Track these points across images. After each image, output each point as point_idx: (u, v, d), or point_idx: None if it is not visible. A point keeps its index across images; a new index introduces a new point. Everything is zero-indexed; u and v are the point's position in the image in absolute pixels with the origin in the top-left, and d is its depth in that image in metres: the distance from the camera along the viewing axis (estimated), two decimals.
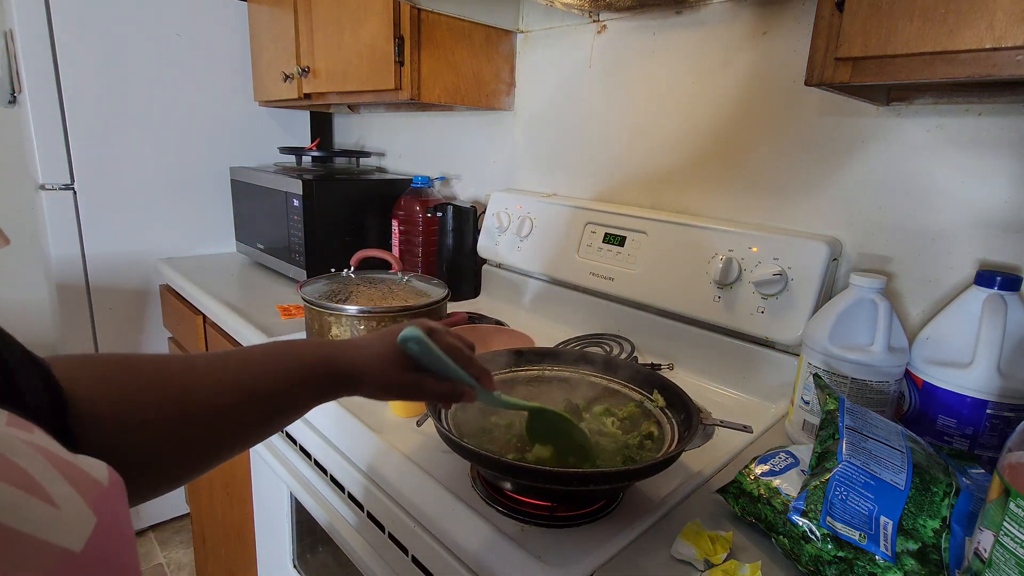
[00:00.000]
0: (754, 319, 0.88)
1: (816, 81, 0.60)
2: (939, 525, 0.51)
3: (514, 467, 0.55)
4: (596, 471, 0.57)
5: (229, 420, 0.42)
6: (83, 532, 0.20)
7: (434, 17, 1.15)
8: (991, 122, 0.72)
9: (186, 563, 1.82)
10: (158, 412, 0.38)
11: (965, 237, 0.75)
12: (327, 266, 1.33)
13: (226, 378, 0.42)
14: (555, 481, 0.55)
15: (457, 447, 0.58)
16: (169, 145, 1.65)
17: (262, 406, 0.44)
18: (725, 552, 0.54)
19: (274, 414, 0.46)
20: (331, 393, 0.49)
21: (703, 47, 0.99)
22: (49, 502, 0.19)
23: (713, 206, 1.01)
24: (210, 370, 0.42)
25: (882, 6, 0.53)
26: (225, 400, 0.41)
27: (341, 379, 0.49)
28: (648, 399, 0.72)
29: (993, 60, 0.50)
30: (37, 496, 0.19)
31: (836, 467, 0.54)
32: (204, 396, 0.40)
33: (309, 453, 0.84)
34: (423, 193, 1.42)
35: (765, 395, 0.90)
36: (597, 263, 1.09)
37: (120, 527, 0.23)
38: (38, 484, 0.19)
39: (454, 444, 0.58)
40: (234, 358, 0.44)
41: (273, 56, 1.55)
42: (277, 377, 0.45)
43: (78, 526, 0.20)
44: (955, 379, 0.65)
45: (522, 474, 0.55)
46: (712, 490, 0.62)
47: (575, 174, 1.23)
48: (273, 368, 0.45)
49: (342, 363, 0.49)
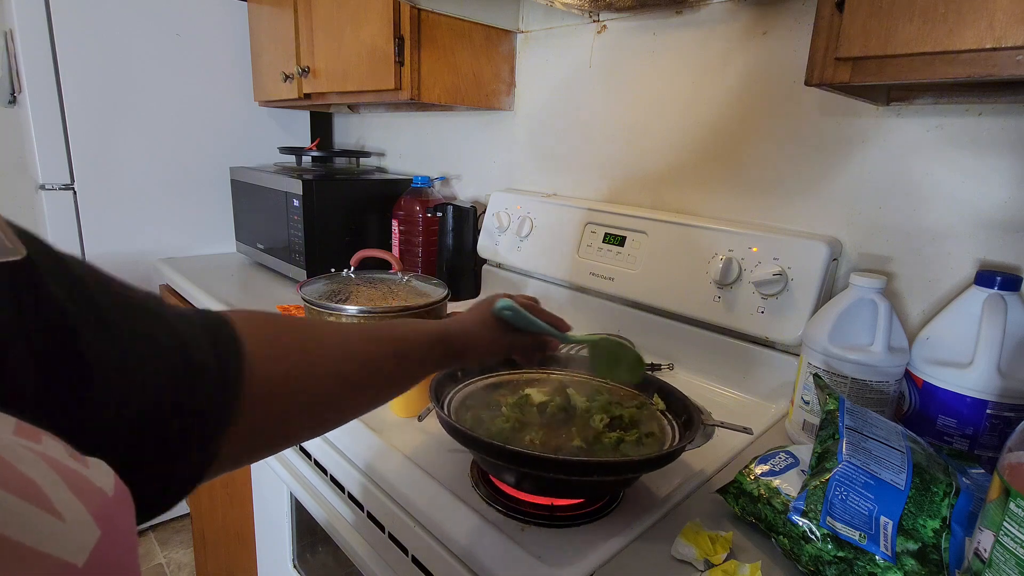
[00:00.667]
0: (754, 319, 0.88)
1: (816, 81, 0.60)
2: (939, 525, 0.51)
3: (514, 453, 0.54)
4: (598, 460, 0.57)
5: (375, 386, 0.48)
6: (86, 544, 0.20)
7: (434, 17, 1.15)
8: (991, 122, 0.72)
9: (186, 563, 1.82)
10: (320, 383, 0.42)
11: (965, 237, 0.76)
12: (327, 266, 1.33)
13: (379, 350, 0.48)
14: (556, 469, 0.54)
15: (457, 433, 0.58)
16: (169, 145, 1.65)
17: (400, 376, 0.50)
18: (725, 552, 0.54)
19: (407, 381, 0.52)
20: (447, 364, 0.56)
21: (703, 47, 0.99)
22: (54, 514, 0.19)
23: (713, 206, 1.01)
24: (363, 341, 0.47)
25: (882, 6, 0.53)
26: (373, 367, 0.47)
27: (456, 351, 0.56)
28: (648, 402, 0.72)
29: (993, 60, 0.50)
30: (42, 507, 0.19)
31: (836, 467, 0.54)
32: (357, 366, 0.45)
33: (309, 453, 0.84)
34: (423, 193, 1.42)
35: (765, 395, 0.90)
36: (597, 263, 1.09)
37: (123, 538, 0.23)
38: (44, 495, 0.19)
39: (455, 431, 0.58)
40: (378, 333, 0.50)
41: (273, 56, 1.55)
42: (418, 347, 0.52)
43: (81, 538, 0.20)
44: (955, 379, 0.65)
45: (522, 461, 0.54)
46: (712, 490, 0.62)
47: (575, 174, 1.23)
48: (414, 340, 0.52)
49: (456, 336, 0.56)
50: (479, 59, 1.25)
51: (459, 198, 1.53)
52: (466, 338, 0.58)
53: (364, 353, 0.46)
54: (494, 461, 0.58)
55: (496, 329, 0.61)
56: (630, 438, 0.63)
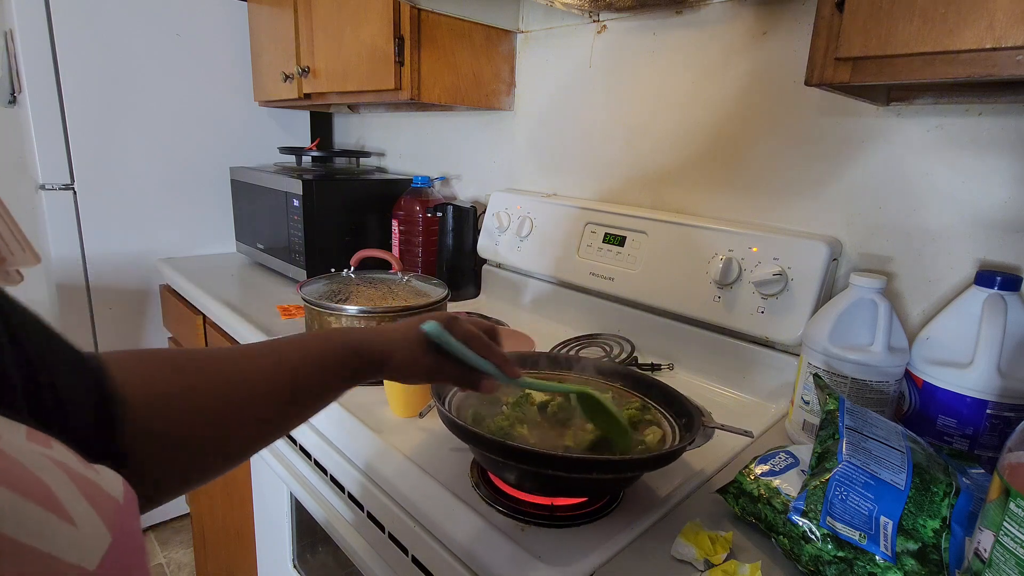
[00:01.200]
0: (754, 319, 0.88)
1: (816, 81, 0.60)
2: (939, 525, 0.51)
3: (515, 449, 0.53)
4: (598, 458, 0.57)
5: (270, 410, 0.43)
6: (98, 550, 0.21)
7: (434, 17, 1.15)
8: (991, 122, 0.72)
9: (186, 563, 1.82)
10: (204, 414, 0.39)
11: (965, 237, 0.76)
12: (327, 266, 1.33)
13: (266, 365, 0.44)
14: (556, 466, 0.54)
15: (458, 429, 0.57)
16: (169, 145, 1.65)
17: (301, 392, 0.46)
18: (725, 552, 0.54)
19: (309, 400, 0.47)
20: (361, 376, 0.50)
21: (703, 47, 0.99)
22: (68, 520, 0.19)
23: (713, 206, 1.01)
24: (250, 361, 0.43)
25: (882, 6, 0.53)
26: (267, 388, 0.43)
27: (371, 362, 0.51)
28: (648, 402, 0.72)
29: (993, 60, 0.50)
30: (57, 514, 0.19)
31: (836, 467, 0.54)
32: (247, 388, 0.42)
33: (309, 453, 0.84)
34: (423, 193, 1.42)
35: (765, 395, 0.90)
36: (597, 263, 1.09)
37: (133, 543, 0.23)
38: (59, 502, 0.19)
39: (456, 426, 0.58)
40: (270, 348, 0.46)
41: (273, 56, 1.55)
42: (314, 362, 0.47)
43: (94, 544, 0.21)
44: (955, 379, 0.65)
45: (522, 457, 0.54)
46: (712, 490, 0.62)
47: (575, 174, 1.23)
48: (310, 354, 0.47)
49: (371, 347, 0.51)
50: (479, 59, 1.25)
51: (459, 198, 1.53)
52: (382, 350, 0.51)
53: (255, 372, 0.43)
54: (494, 458, 0.58)
55: (419, 347, 0.53)
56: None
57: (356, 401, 0.83)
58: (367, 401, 0.83)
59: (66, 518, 0.19)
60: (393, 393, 0.80)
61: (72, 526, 0.19)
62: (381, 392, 0.82)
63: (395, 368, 0.52)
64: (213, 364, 0.41)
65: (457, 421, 0.58)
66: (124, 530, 0.22)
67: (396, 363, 0.52)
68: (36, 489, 0.19)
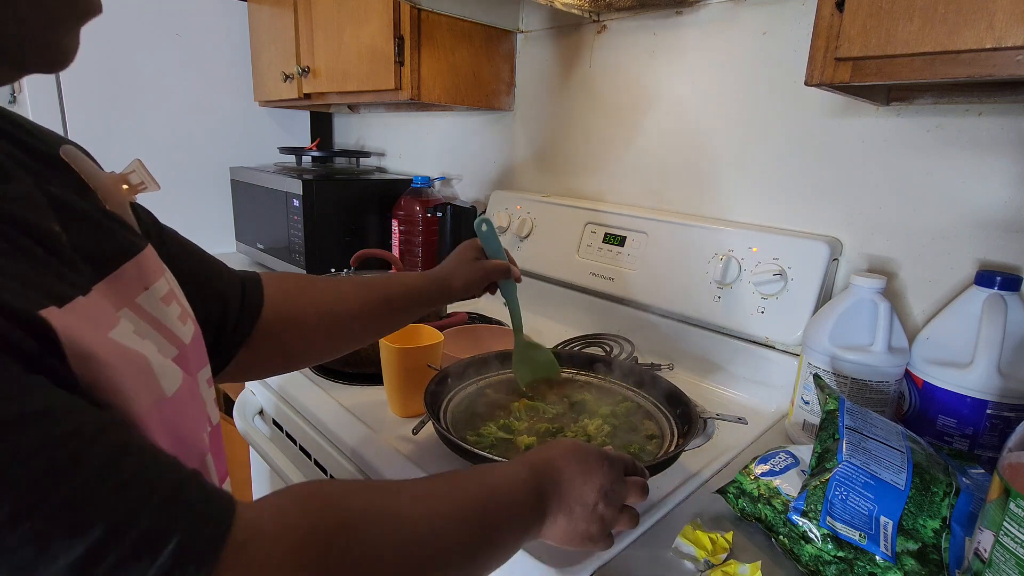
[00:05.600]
0: (754, 319, 0.88)
1: (816, 81, 0.60)
2: (939, 525, 0.51)
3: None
4: None
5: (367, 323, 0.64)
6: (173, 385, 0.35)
7: (434, 17, 1.15)
8: (991, 122, 0.72)
9: None
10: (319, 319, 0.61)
11: (965, 237, 0.75)
12: (327, 266, 1.33)
13: (370, 295, 0.64)
14: None
15: (454, 446, 0.58)
16: (169, 145, 1.65)
17: (394, 312, 0.66)
18: (725, 552, 0.54)
19: (396, 319, 0.68)
20: (434, 301, 0.68)
21: (703, 47, 0.99)
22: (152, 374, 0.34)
23: (713, 206, 1.01)
24: (356, 289, 0.63)
25: (882, 6, 0.53)
26: (368, 308, 0.63)
27: (440, 287, 0.68)
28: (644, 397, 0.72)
29: (993, 60, 0.50)
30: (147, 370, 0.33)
31: (836, 467, 0.54)
32: (350, 306, 0.62)
33: (309, 453, 0.84)
34: (423, 193, 1.42)
35: (765, 395, 0.90)
36: (597, 263, 1.09)
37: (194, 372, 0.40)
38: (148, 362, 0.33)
39: (452, 444, 0.58)
40: (372, 282, 0.66)
41: (273, 56, 1.55)
42: (403, 292, 0.66)
43: (170, 383, 0.34)
44: (955, 379, 0.65)
45: None
46: (712, 490, 0.62)
47: (575, 174, 1.23)
48: (400, 286, 0.66)
49: (437, 276, 0.69)
50: (479, 59, 1.25)
51: (459, 198, 1.53)
52: (444, 274, 0.69)
53: (355, 298, 0.62)
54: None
55: (471, 258, 0.71)
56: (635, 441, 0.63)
57: (356, 401, 0.83)
58: (367, 401, 0.83)
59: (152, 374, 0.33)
60: (393, 393, 0.80)
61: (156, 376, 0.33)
62: (381, 392, 0.82)
63: (459, 283, 0.68)
64: (321, 285, 0.63)
65: (454, 439, 0.58)
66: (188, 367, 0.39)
67: (458, 278, 0.68)
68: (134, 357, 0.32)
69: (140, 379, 0.32)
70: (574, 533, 0.47)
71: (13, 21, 0.28)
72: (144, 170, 0.46)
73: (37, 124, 0.40)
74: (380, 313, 0.64)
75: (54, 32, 0.30)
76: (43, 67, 0.32)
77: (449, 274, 0.69)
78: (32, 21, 0.29)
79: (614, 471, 0.49)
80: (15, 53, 0.30)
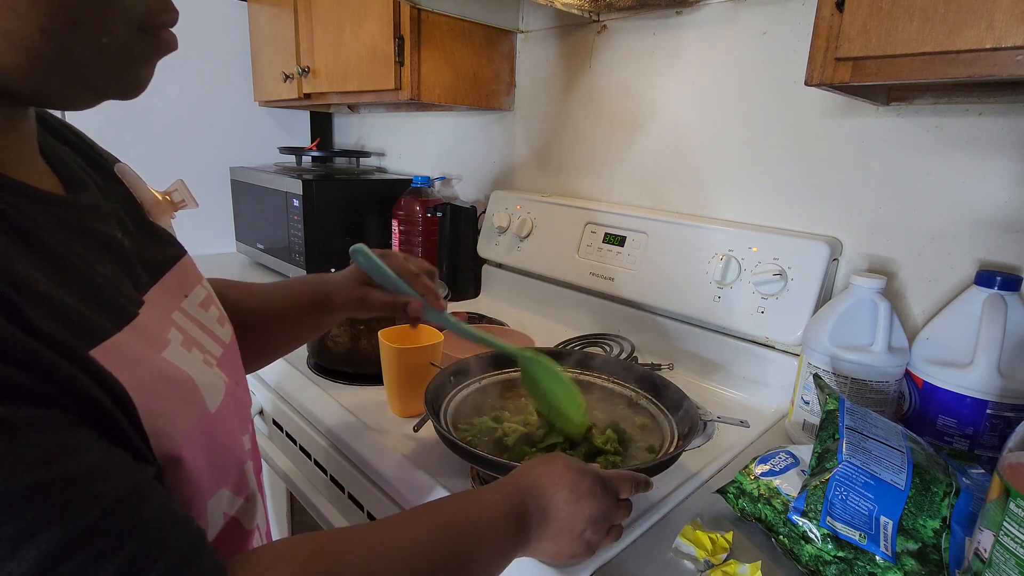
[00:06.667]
0: (754, 319, 0.88)
1: (816, 81, 0.60)
2: (939, 525, 0.51)
3: (508, 468, 0.54)
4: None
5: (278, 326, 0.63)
6: (216, 400, 0.37)
7: (434, 17, 1.15)
8: (991, 122, 0.72)
9: None
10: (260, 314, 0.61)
11: (965, 237, 0.75)
12: (327, 266, 1.33)
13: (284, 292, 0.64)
14: None
15: (454, 446, 0.58)
16: (169, 145, 1.65)
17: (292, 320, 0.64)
18: (725, 552, 0.54)
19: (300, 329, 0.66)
20: (325, 312, 0.63)
21: (703, 47, 0.99)
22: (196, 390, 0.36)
23: (713, 206, 1.01)
24: (265, 296, 0.63)
25: (882, 6, 0.53)
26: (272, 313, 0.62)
27: (326, 299, 0.63)
28: (645, 397, 0.72)
29: (993, 60, 0.50)
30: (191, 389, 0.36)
31: (836, 467, 0.54)
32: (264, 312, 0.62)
33: (309, 453, 0.84)
34: (423, 193, 1.42)
35: (765, 395, 0.90)
36: (597, 263, 1.09)
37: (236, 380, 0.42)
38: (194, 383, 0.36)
39: (451, 444, 0.58)
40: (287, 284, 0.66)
41: (273, 56, 1.55)
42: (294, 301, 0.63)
43: (214, 398, 0.37)
44: (955, 379, 0.65)
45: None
46: (712, 490, 0.62)
47: (575, 174, 1.23)
48: (292, 294, 0.64)
49: (325, 286, 0.63)
50: (479, 59, 1.25)
51: (459, 198, 1.53)
52: (328, 287, 0.63)
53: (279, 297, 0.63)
54: (494, 476, 0.58)
55: (355, 280, 0.62)
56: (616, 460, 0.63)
57: (356, 401, 0.83)
58: (367, 401, 0.83)
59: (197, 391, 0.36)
60: (393, 393, 0.80)
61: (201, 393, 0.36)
62: (381, 392, 0.82)
63: (339, 301, 0.62)
64: (266, 289, 0.64)
65: (455, 440, 0.58)
66: (233, 377, 0.41)
67: (338, 297, 0.62)
68: (181, 377, 0.35)
69: (185, 401, 0.35)
70: (557, 555, 0.49)
71: (102, 60, 0.31)
72: (185, 189, 0.51)
73: (94, 141, 0.47)
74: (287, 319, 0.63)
75: (136, 67, 0.34)
76: (121, 95, 0.34)
77: (334, 287, 0.63)
78: (119, 61, 0.32)
79: (607, 498, 0.49)
80: (100, 86, 0.33)
